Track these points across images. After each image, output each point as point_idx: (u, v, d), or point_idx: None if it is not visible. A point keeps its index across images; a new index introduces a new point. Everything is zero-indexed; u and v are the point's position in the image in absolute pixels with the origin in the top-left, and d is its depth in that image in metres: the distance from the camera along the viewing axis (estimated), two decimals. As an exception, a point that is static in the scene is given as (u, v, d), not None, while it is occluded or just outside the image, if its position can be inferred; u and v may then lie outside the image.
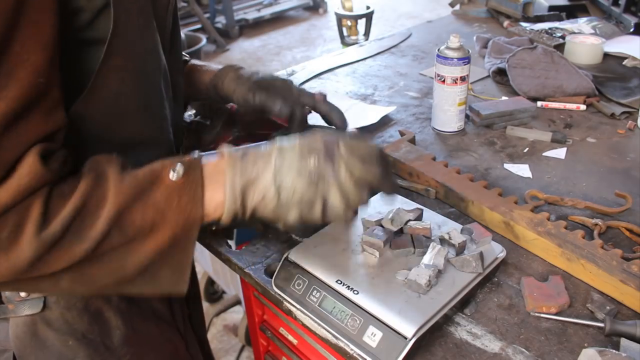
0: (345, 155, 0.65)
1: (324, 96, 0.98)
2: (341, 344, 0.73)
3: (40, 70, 0.56)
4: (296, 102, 0.95)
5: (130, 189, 0.60)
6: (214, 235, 0.95)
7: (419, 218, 0.86)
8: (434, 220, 0.87)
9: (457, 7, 2.18)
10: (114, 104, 0.69)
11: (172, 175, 0.62)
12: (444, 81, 1.21)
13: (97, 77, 0.65)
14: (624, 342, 0.70)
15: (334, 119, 0.97)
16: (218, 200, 0.64)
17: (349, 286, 0.75)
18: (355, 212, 0.68)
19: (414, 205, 0.90)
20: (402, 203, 0.91)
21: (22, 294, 0.73)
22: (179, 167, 0.62)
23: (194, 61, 1.06)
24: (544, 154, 1.17)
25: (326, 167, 0.64)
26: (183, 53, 1.08)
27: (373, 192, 0.70)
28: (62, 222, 0.57)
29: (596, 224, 0.92)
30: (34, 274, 0.58)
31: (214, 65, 1.04)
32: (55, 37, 0.57)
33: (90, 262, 0.60)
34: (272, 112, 0.95)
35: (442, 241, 0.81)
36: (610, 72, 1.52)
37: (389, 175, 0.69)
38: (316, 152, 0.64)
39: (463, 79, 1.20)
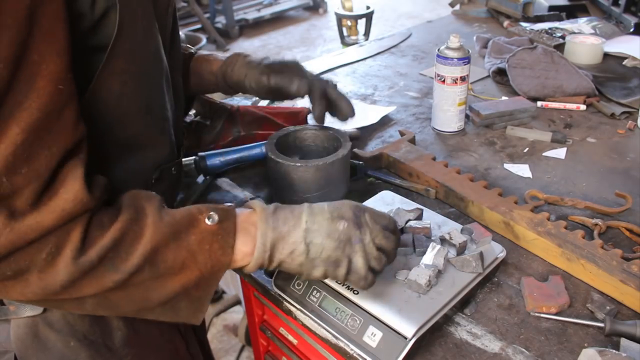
0: (370, 224, 0.70)
1: (335, 84, 0.99)
2: (341, 344, 0.73)
3: (59, 78, 0.56)
4: (312, 78, 0.97)
5: (167, 229, 0.63)
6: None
7: (419, 218, 0.86)
8: (434, 220, 0.87)
9: (457, 7, 2.18)
10: (116, 106, 0.69)
11: (208, 221, 0.65)
12: (444, 81, 1.21)
13: (98, 80, 0.65)
14: (624, 342, 0.70)
15: (343, 107, 0.98)
16: (246, 250, 0.67)
17: (349, 286, 0.75)
18: (374, 280, 0.71)
19: (414, 205, 0.90)
20: (402, 203, 0.91)
21: None
22: (214, 215, 0.65)
23: (201, 52, 1.07)
24: (544, 154, 1.17)
25: (354, 232, 0.68)
26: (189, 46, 1.09)
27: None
28: (100, 251, 0.58)
29: (596, 224, 0.92)
30: (63, 296, 0.60)
31: (221, 54, 1.05)
32: (68, 44, 0.57)
33: (117, 292, 0.62)
34: (289, 92, 0.97)
35: (443, 241, 0.81)
36: (610, 72, 1.52)
37: (397, 246, 0.74)
38: (345, 219, 0.69)
39: (463, 79, 1.20)
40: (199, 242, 0.64)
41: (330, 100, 0.98)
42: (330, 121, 0.99)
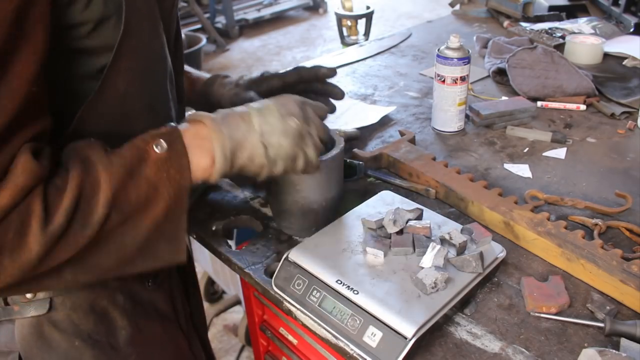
0: (313, 118, 0.77)
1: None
2: (341, 344, 0.73)
3: (33, 80, 0.57)
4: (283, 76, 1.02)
5: (120, 169, 0.62)
6: (214, 235, 0.95)
7: (419, 218, 0.86)
8: (434, 220, 0.87)
9: (457, 7, 2.17)
10: (121, 104, 0.70)
11: (157, 149, 0.65)
12: (444, 81, 1.21)
13: (105, 79, 0.66)
14: (624, 342, 0.70)
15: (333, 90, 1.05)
16: (205, 164, 0.69)
17: (349, 286, 0.75)
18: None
19: (414, 205, 0.90)
20: (402, 203, 0.91)
21: (28, 295, 0.73)
22: (162, 141, 0.65)
23: (186, 68, 1.07)
24: (544, 154, 1.17)
25: (304, 127, 0.74)
26: None
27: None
28: (65, 214, 0.58)
29: (596, 224, 0.92)
30: (41, 269, 0.59)
31: (203, 73, 1.07)
32: (46, 49, 0.58)
33: (92, 248, 0.61)
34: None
35: (443, 241, 0.81)
36: (610, 72, 1.52)
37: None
38: (295, 115, 0.74)
39: (463, 79, 1.20)
40: (155, 172, 0.64)
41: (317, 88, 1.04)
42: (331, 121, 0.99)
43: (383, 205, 0.91)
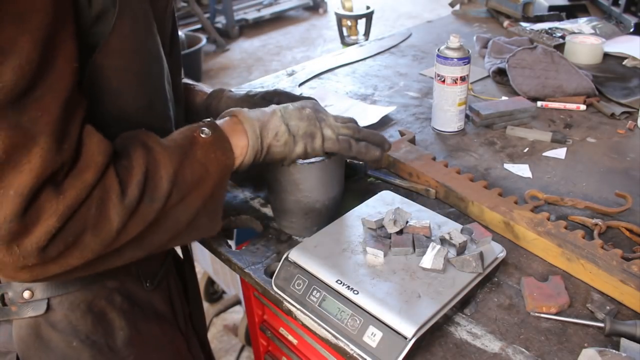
0: (324, 110, 0.85)
1: None
2: (341, 344, 0.73)
3: (74, 57, 0.60)
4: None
5: (176, 151, 0.69)
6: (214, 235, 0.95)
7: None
8: (434, 220, 0.87)
9: (457, 7, 2.18)
10: (117, 103, 0.70)
11: (203, 135, 0.72)
12: (444, 81, 1.21)
13: (92, 75, 0.67)
14: (624, 342, 0.70)
15: None
16: (242, 144, 0.77)
17: (349, 286, 0.75)
18: (348, 141, 0.83)
19: (414, 205, 0.90)
20: (402, 203, 0.91)
21: (26, 295, 0.73)
22: (205, 128, 0.73)
23: (185, 80, 1.07)
24: (544, 154, 1.17)
25: (318, 114, 0.83)
26: None
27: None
28: (138, 187, 0.64)
29: (596, 224, 0.92)
30: (115, 245, 0.63)
31: (206, 86, 1.07)
32: (75, 27, 0.61)
33: (152, 226, 0.67)
34: None
35: (443, 241, 0.81)
36: (610, 72, 1.53)
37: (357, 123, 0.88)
38: (308, 107, 0.83)
39: (463, 79, 1.20)
40: (205, 155, 0.71)
41: None
42: None
43: (383, 205, 0.91)
